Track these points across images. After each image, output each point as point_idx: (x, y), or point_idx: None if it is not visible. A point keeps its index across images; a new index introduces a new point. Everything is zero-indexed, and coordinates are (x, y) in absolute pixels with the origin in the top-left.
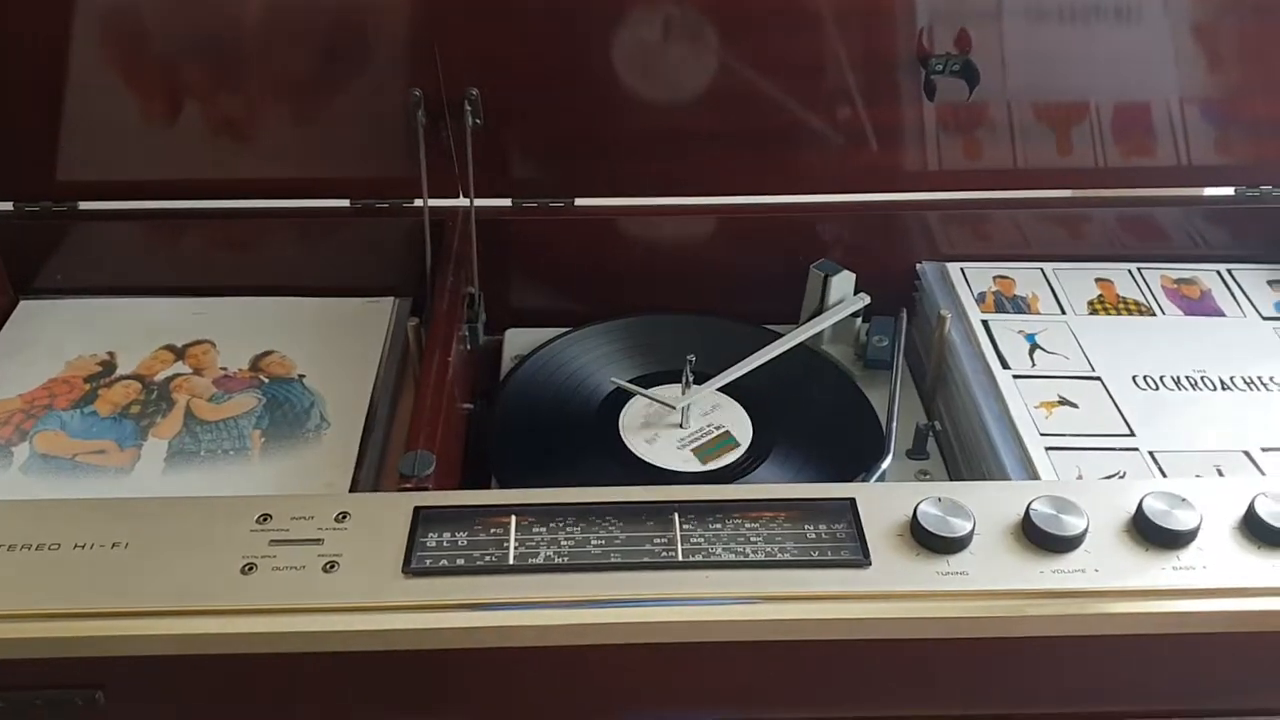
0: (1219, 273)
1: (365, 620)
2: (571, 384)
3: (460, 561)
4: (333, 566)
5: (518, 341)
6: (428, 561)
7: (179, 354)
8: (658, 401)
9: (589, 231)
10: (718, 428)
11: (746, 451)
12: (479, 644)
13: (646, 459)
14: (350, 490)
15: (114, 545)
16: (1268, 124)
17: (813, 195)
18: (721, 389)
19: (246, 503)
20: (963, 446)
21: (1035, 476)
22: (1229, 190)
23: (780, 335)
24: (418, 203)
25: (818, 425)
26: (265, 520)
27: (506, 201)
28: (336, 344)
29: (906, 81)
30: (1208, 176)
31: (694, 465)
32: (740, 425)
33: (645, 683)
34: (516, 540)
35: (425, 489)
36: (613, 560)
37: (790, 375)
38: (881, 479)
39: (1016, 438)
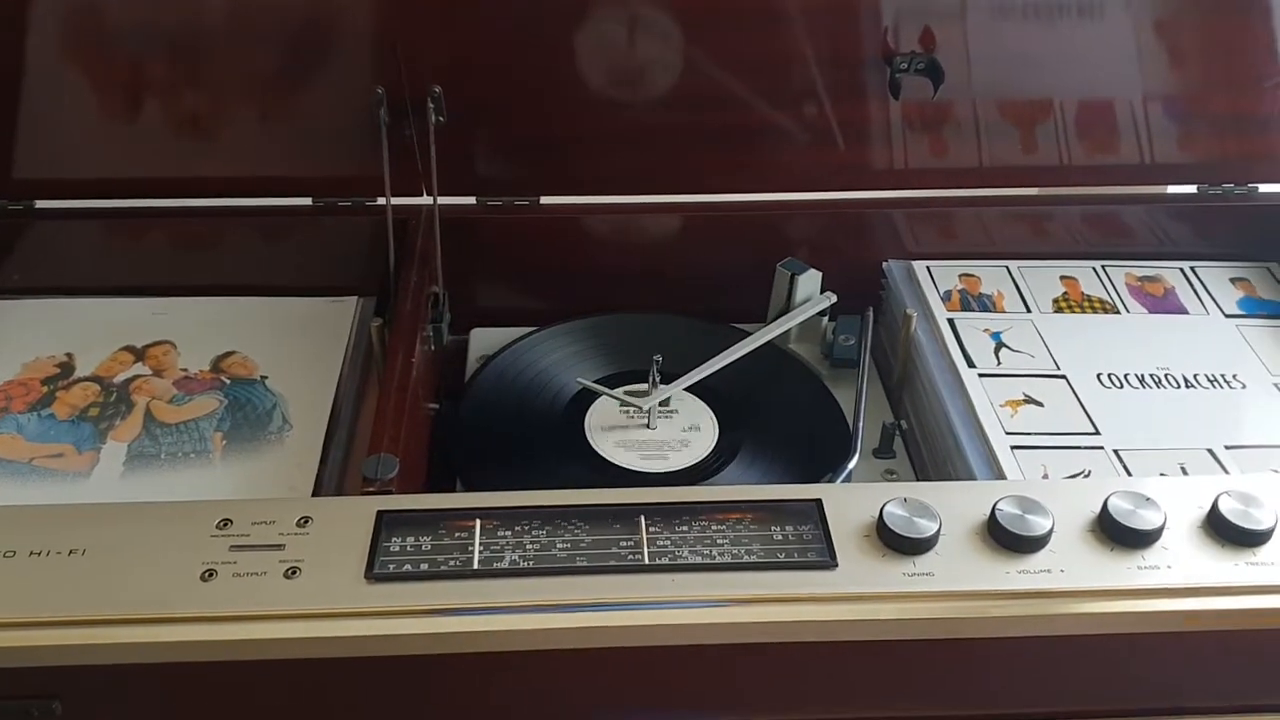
0: (1182, 270)
1: (328, 627)
2: (537, 384)
3: (424, 566)
4: (294, 572)
5: (483, 341)
6: (391, 566)
7: (139, 355)
8: (624, 401)
9: (555, 230)
10: (687, 428)
11: (713, 451)
12: (444, 650)
13: (613, 460)
14: (313, 493)
15: (71, 552)
16: (1230, 121)
17: (779, 194)
18: (689, 388)
19: (207, 507)
20: (929, 446)
21: (1001, 476)
22: (1192, 188)
23: (747, 334)
24: (380, 201)
25: (785, 424)
26: (226, 525)
27: (471, 200)
28: (299, 344)
29: (873, 80)
30: (1171, 174)
31: (660, 465)
32: (707, 425)
33: (613, 686)
34: (481, 544)
35: (389, 493)
36: (579, 564)
37: (757, 374)
38: (848, 479)
39: (982, 437)
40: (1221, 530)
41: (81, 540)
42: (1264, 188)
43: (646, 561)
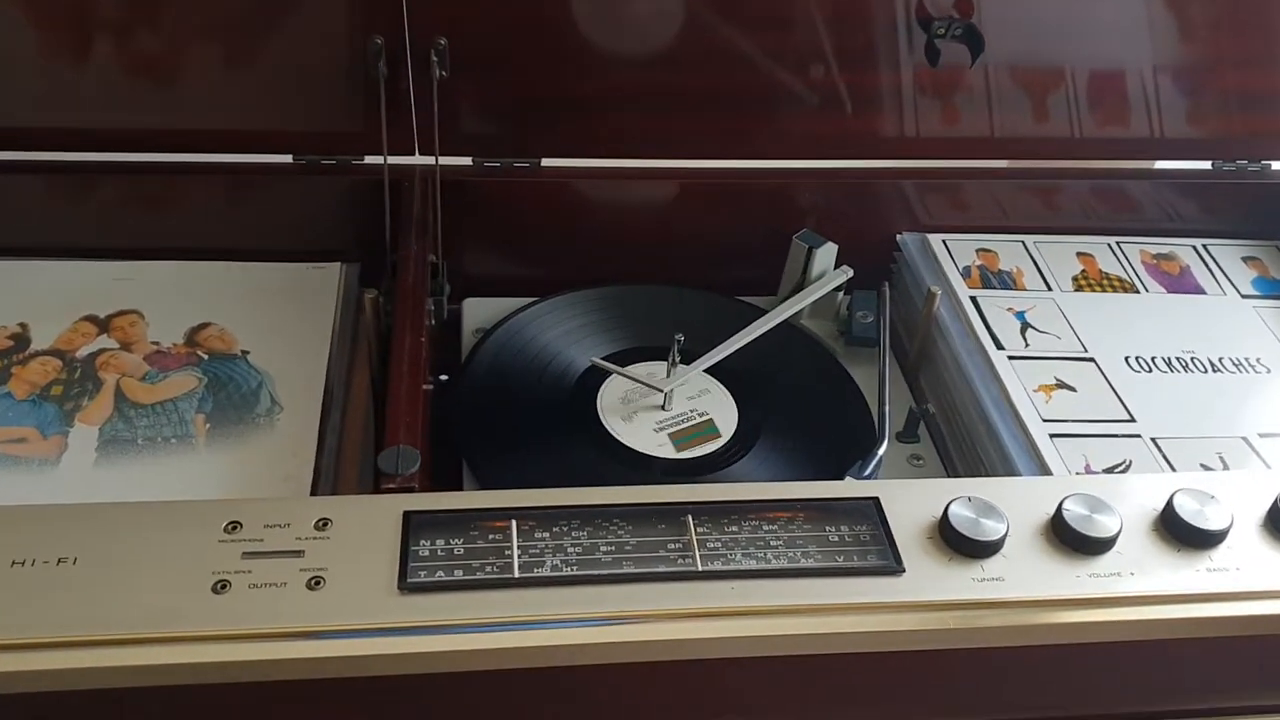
0: (1195, 248)
1: (361, 645)
2: (543, 360)
3: (459, 573)
4: (318, 583)
5: (478, 312)
6: (423, 574)
7: (102, 326)
8: (644, 384)
9: (554, 194)
10: (700, 414)
11: (732, 438)
12: (487, 666)
13: (631, 445)
14: (312, 484)
15: (60, 561)
16: (1244, 98)
17: (789, 160)
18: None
19: (212, 508)
20: (956, 431)
21: (1044, 466)
22: (1205, 164)
23: (757, 308)
24: (369, 160)
25: (804, 406)
26: (235, 529)
27: (467, 160)
28: (281, 314)
29: (885, 44)
30: (1184, 149)
31: (680, 449)
32: (724, 408)
33: (670, 700)
34: (519, 548)
35: (411, 489)
36: (627, 570)
37: (772, 353)
38: (879, 466)
39: (1020, 425)
40: None
41: (71, 546)
42: (1277, 165)
43: (700, 567)
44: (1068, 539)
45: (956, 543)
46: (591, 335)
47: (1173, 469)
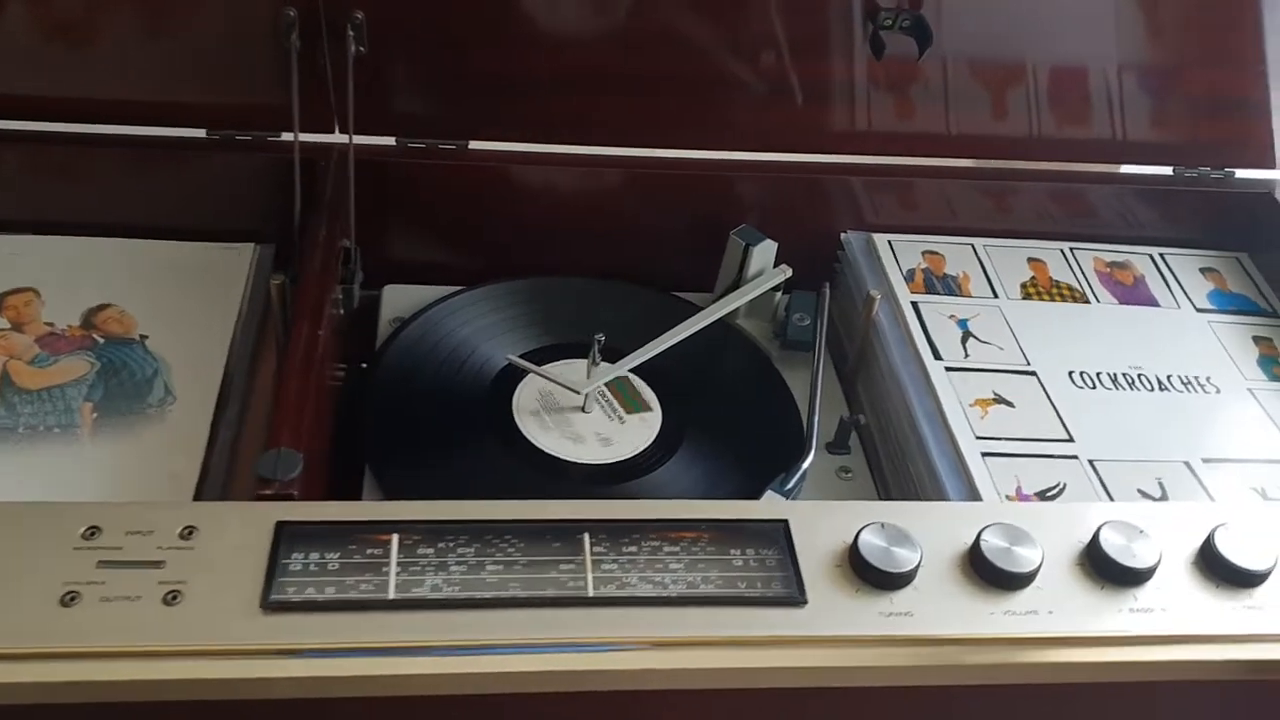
0: (1151, 257)
1: (214, 667)
2: (459, 355)
3: (330, 591)
4: (175, 597)
5: (397, 301)
6: (291, 590)
7: None
8: (560, 385)
9: (482, 179)
10: (625, 410)
11: (656, 439)
12: (352, 694)
13: (546, 449)
14: (199, 482)
15: None
16: (1210, 102)
17: (731, 152)
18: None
19: (70, 511)
20: (888, 443)
21: (972, 486)
22: (1166, 170)
23: (692, 305)
24: (286, 136)
25: (733, 411)
26: (93, 534)
27: (390, 140)
28: (186, 297)
29: (839, 33)
30: (1145, 153)
31: (598, 454)
32: (649, 410)
33: None
34: (399, 565)
35: (290, 497)
36: (511, 593)
37: (703, 353)
38: (802, 479)
39: (951, 441)
40: (1216, 569)
41: None
42: (1240, 173)
43: (590, 593)
44: (984, 573)
45: (865, 573)
46: (515, 330)
47: (1108, 494)
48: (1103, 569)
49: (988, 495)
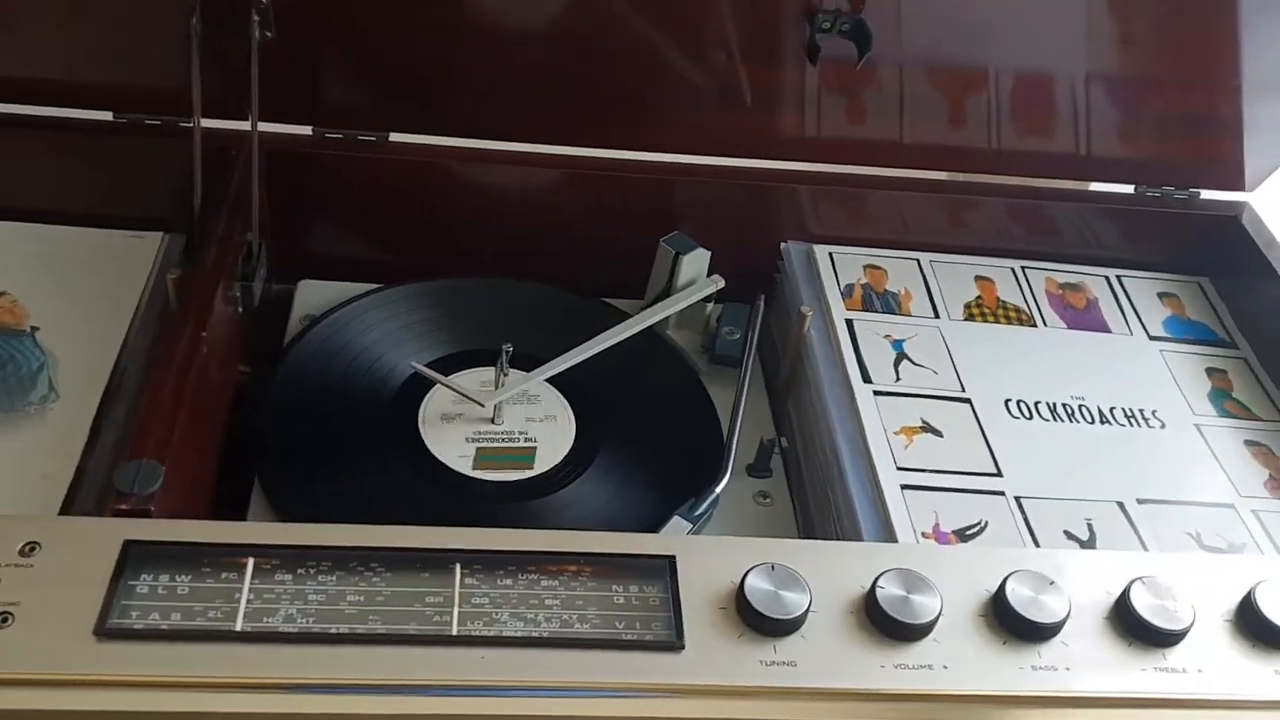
0: (1108, 280)
1: (40, 697)
2: (365, 361)
3: (176, 618)
4: (6, 620)
5: (312, 297)
6: (134, 615)
7: None
8: (464, 396)
9: (405, 173)
10: (523, 434)
11: (567, 456)
12: None
13: (449, 464)
14: (73, 486)
15: None
16: (1178, 119)
17: (670, 155)
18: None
19: None
20: (810, 469)
21: (887, 521)
22: (1128, 188)
23: (620, 312)
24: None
25: (652, 428)
26: None
27: (308, 129)
28: (85, 288)
29: (789, 35)
30: (1107, 170)
31: (502, 472)
32: (562, 420)
33: None
34: (251, 592)
35: (146, 513)
36: (370, 628)
37: (627, 365)
38: (714, 505)
39: (870, 471)
40: (1130, 626)
41: None
42: (1207, 194)
43: (454, 631)
44: (878, 621)
45: (750, 617)
46: (430, 333)
47: (1032, 535)
48: (1006, 622)
49: (903, 532)
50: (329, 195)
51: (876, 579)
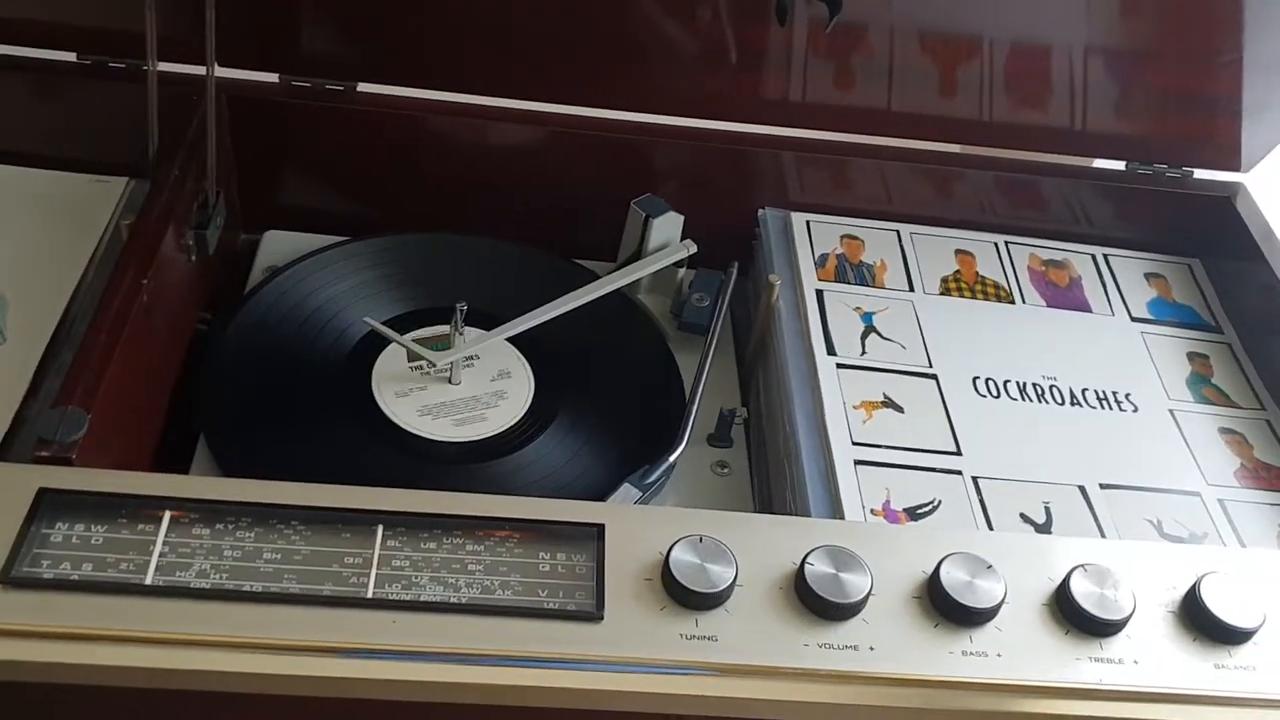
0: (1094, 258)
1: None
2: (323, 315)
3: (87, 568)
4: None
5: (276, 247)
6: (45, 564)
7: None
8: (418, 354)
9: (373, 125)
10: (496, 381)
11: (523, 418)
12: (94, 681)
13: (401, 422)
14: (9, 431)
15: None
16: (1174, 97)
17: (652, 115)
18: (510, 336)
19: None
20: (770, 441)
21: (836, 496)
22: (1120, 165)
23: (590, 273)
24: (163, 66)
25: (614, 393)
26: None
27: (274, 77)
28: (46, 232)
29: None
30: (1100, 146)
31: (460, 430)
32: (522, 382)
33: None
34: (166, 545)
35: (67, 461)
36: (283, 586)
37: (592, 327)
38: (669, 473)
39: (825, 444)
40: (1069, 614)
41: None
42: (1200, 174)
43: (368, 594)
44: (806, 599)
45: (674, 590)
46: (395, 289)
47: (986, 516)
48: (940, 605)
49: (851, 508)
50: (298, 145)
51: (806, 555)
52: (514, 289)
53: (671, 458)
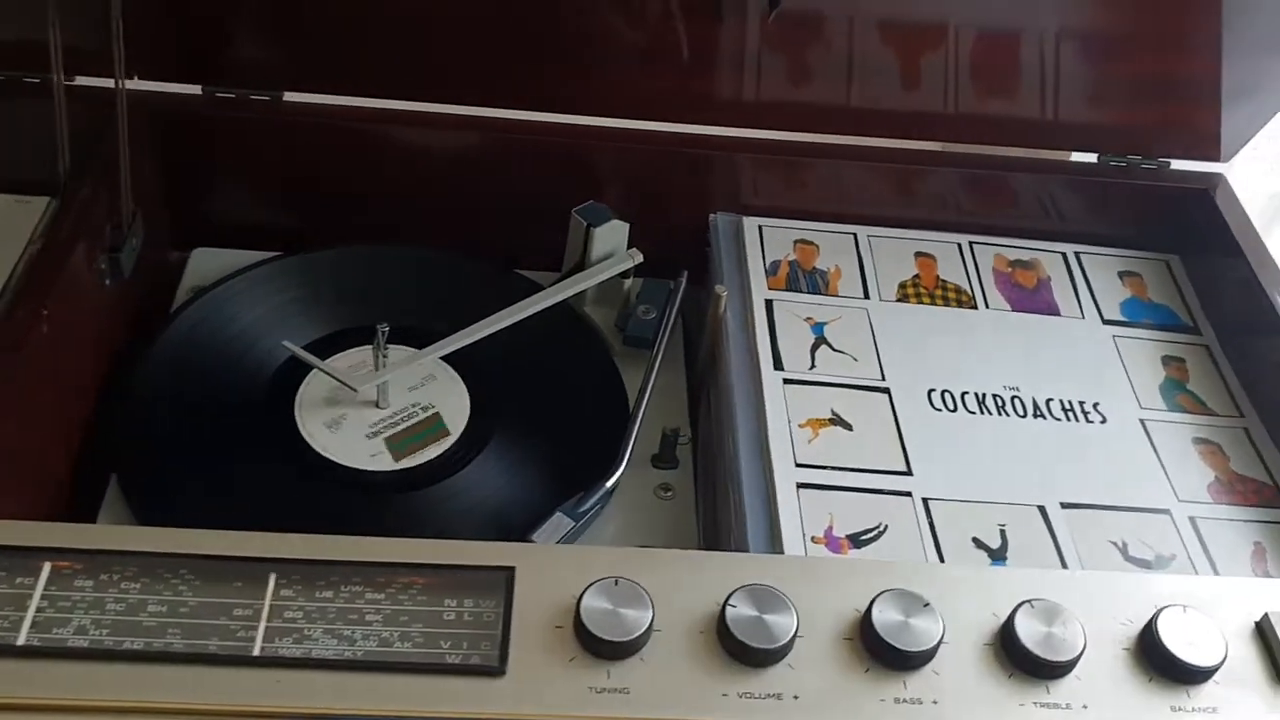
0: (1065, 257)
1: None
2: (248, 337)
3: None
4: None
5: (205, 266)
6: None
7: None
8: (338, 380)
9: (301, 135)
10: (425, 408)
11: (456, 444)
12: None
13: (325, 453)
14: None
15: None
16: (1150, 83)
17: (596, 118)
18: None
19: None
20: (715, 462)
21: (775, 522)
22: (1092, 158)
23: (534, 284)
24: (81, 80)
25: (555, 413)
26: None
27: (197, 89)
28: None
29: None
30: (1071, 137)
31: (388, 461)
32: (457, 403)
33: None
34: (44, 600)
35: None
36: (166, 644)
37: (534, 342)
38: (605, 499)
39: (767, 466)
40: (1013, 655)
41: None
42: (1177, 164)
43: (255, 650)
44: (727, 644)
45: (585, 639)
46: (326, 306)
47: (936, 542)
48: (872, 647)
49: (790, 535)
50: (226, 158)
51: (729, 596)
52: (454, 302)
53: (608, 484)
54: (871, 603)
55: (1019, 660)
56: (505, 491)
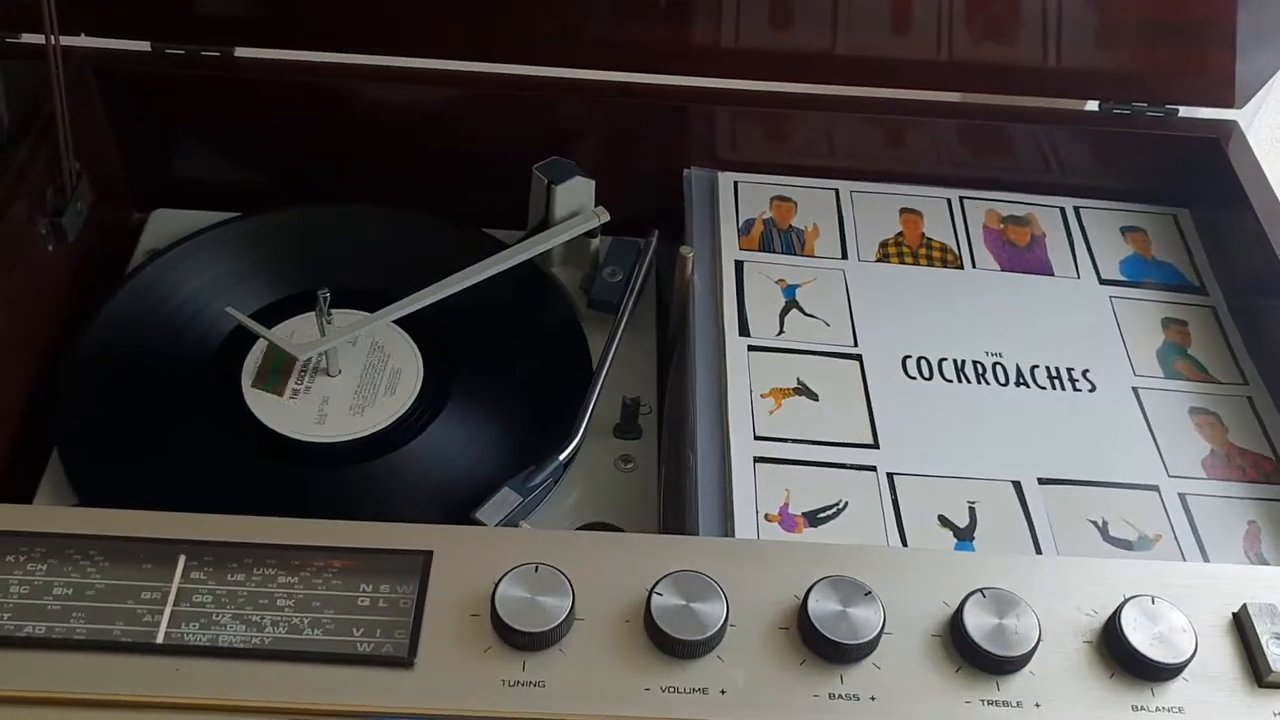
0: (1063, 211)
1: None
2: (196, 303)
3: None
4: None
5: (164, 228)
6: None
7: None
8: (281, 347)
9: (255, 92)
10: (380, 375)
11: (408, 412)
12: None
13: (271, 425)
14: None
15: None
16: (1157, 27)
17: (566, 69)
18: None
19: None
20: (676, 433)
21: (727, 498)
22: (1094, 105)
23: (499, 243)
24: (27, 37)
25: (514, 379)
26: None
27: (146, 45)
28: None
29: None
30: (1073, 84)
31: (336, 429)
32: (411, 372)
33: None
34: None
35: None
36: (69, 628)
37: (495, 306)
38: (559, 473)
39: (724, 438)
40: (961, 648)
41: None
42: (1185, 111)
43: (159, 637)
44: (654, 634)
45: (501, 629)
46: (281, 268)
47: (898, 520)
48: (809, 638)
49: (743, 512)
50: (179, 117)
51: (656, 584)
52: (416, 261)
53: (561, 456)
54: (809, 590)
55: (967, 653)
56: (459, 463)
